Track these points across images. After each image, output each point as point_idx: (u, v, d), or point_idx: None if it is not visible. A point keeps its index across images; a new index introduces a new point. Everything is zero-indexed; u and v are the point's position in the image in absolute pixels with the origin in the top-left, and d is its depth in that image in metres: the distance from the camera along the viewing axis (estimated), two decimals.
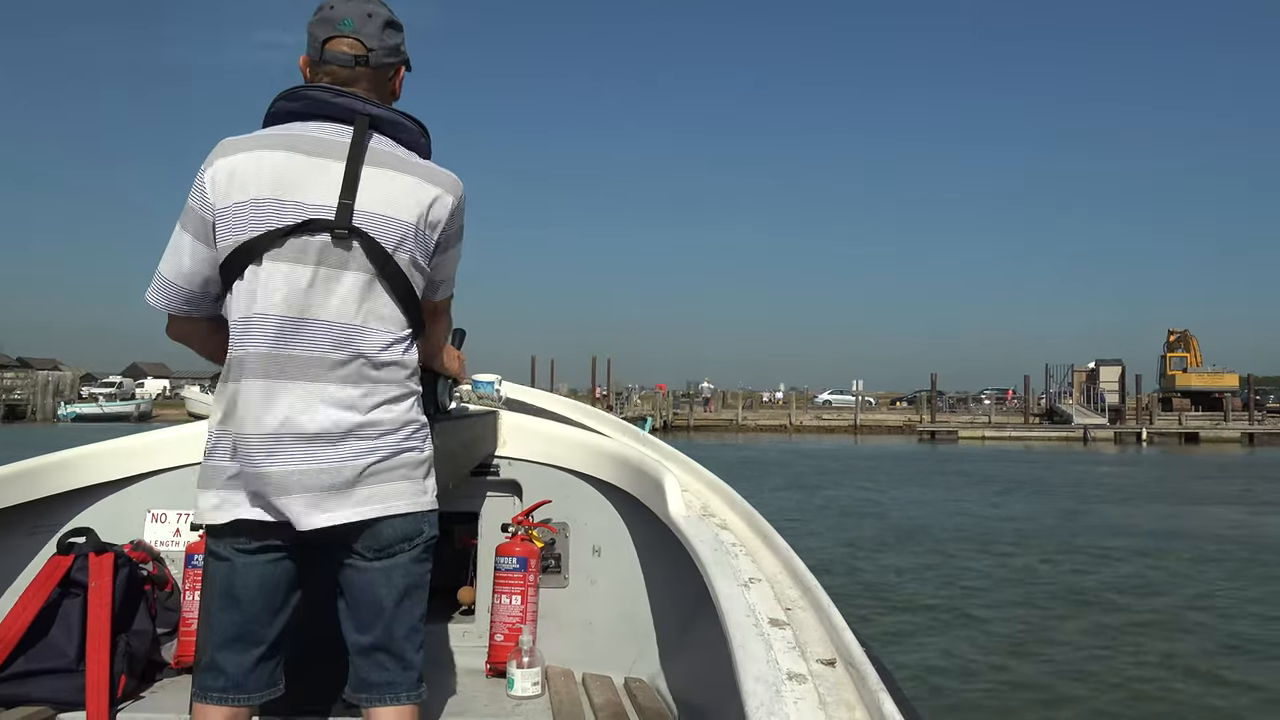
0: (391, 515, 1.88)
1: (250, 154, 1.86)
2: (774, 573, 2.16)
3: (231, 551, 1.88)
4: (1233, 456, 38.40)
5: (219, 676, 1.89)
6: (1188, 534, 15.33)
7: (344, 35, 1.93)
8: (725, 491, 2.84)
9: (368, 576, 1.89)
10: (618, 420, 3.89)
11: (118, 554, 2.67)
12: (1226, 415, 53.02)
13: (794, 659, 1.65)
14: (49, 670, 2.54)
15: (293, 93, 1.93)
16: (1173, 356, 60.11)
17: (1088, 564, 12.52)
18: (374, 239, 1.85)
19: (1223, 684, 7.24)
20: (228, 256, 1.84)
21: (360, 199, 1.84)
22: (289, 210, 1.82)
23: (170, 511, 2.98)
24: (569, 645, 2.97)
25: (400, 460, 1.90)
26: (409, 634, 1.94)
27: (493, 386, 3.35)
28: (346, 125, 1.89)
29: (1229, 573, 11.92)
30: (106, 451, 2.97)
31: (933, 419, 54.87)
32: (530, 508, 3.01)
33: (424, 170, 1.94)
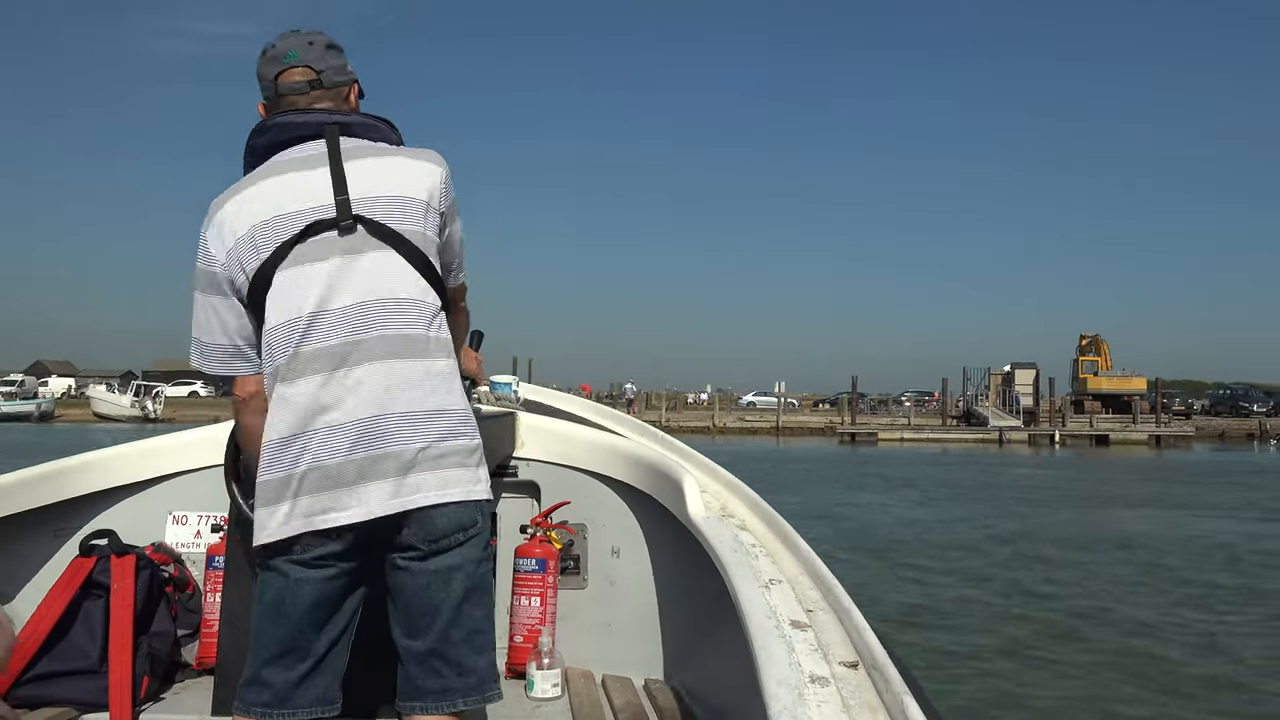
0: (446, 503, 1.83)
1: (239, 195, 1.93)
2: (794, 574, 2.18)
3: (287, 564, 1.83)
4: (1141, 459, 39.54)
5: (263, 691, 1.84)
6: (1100, 536, 15.73)
7: (293, 66, 2.01)
8: (744, 492, 2.86)
9: (422, 580, 1.84)
10: (636, 421, 3.91)
11: (139, 556, 2.72)
12: (1135, 418, 54.49)
13: (816, 661, 1.66)
14: (72, 672, 2.59)
15: (262, 126, 2.00)
16: (1084, 360, 61.11)
17: (986, 567, 12.59)
18: (378, 221, 1.90)
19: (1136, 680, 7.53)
20: (250, 288, 1.89)
21: (353, 190, 1.89)
22: (290, 221, 1.88)
23: (191, 513, 3.01)
24: (588, 647, 2.96)
25: (452, 446, 1.86)
26: (468, 637, 1.88)
27: (510, 388, 3.38)
28: (319, 140, 1.96)
29: (1139, 572, 12.28)
30: (128, 453, 3.01)
31: (853, 421, 55.70)
32: (549, 509, 3.02)
33: (405, 151, 2.02)
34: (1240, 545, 14.45)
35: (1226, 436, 54.24)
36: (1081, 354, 61.46)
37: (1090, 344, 61.67)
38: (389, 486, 1.79)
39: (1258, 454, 43.30)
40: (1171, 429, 52.44)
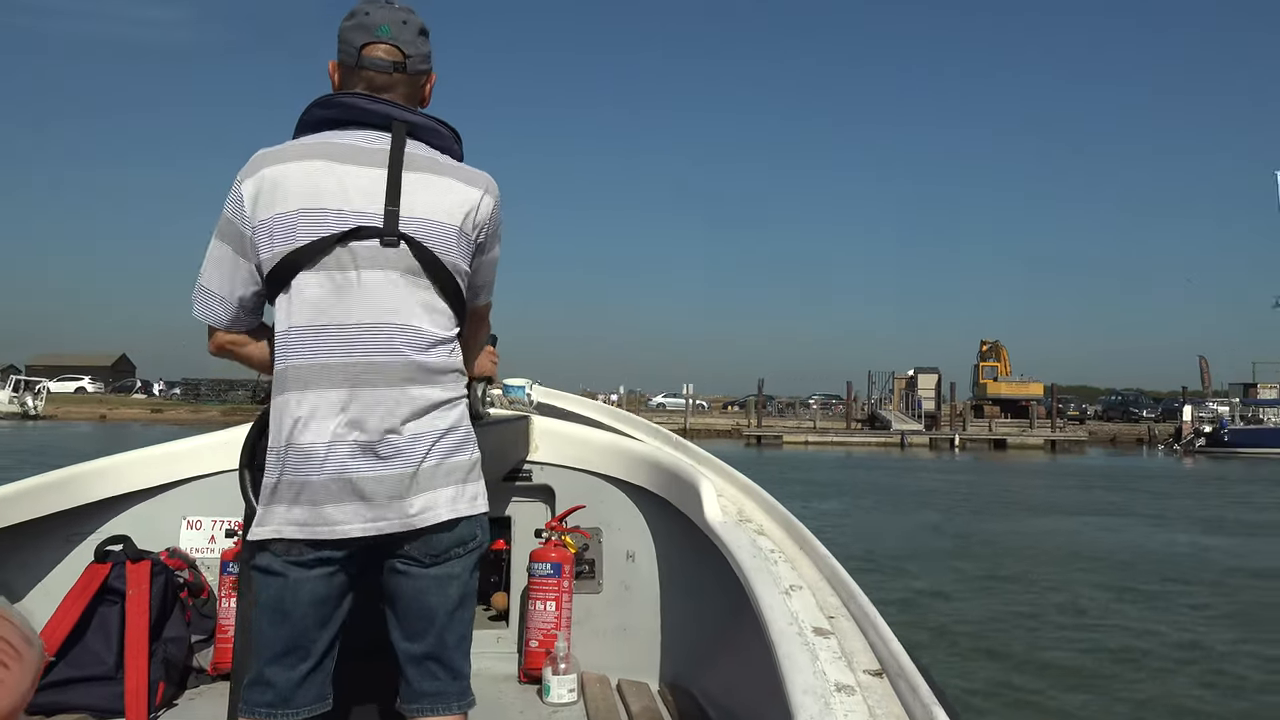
0: (448, 520, 1.87)
1: (289, 164, 1.86)
2: (814, 580, 2.17)
3: (284, 565, 1.84)
4: (1038, 462, 40.60)
5: (267, 691, 1.86)
6: (1001, 540, 16.08)
7: (381, 41, 1.93)
8: (761, 497, 2.86)
9: (421, 584, 1.87)
10: (650, 425, 3.88)
11: (154, 561, 2.76)
12: (1032, 422, 55.81)
13: (841, 669, 1.65)
14: (89, 678, 2.62)
15: (327, 100, 1.93)
16: (985, 366, 61.82)
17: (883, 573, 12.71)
18: (421, 243, 1.86)
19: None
20: (274, 268, 1.85)
21: (404, 204, 1.85)
22: (334, 219, 1.83)
23: (205, 518, 3.03)
24: (604, 651, 2.95)
25: (454, 464, 1.89)
26: (459, 642, 1.93)
27: (524, 391, 3.40)
28: (382, 132, 1.90)
29: (1021, 574, 12.61)
30: (142, 459, 3.01)
31: (759, 423, 56.28)
32: (564, 513, 3.02)
33: (462, 173, 1.95)
34: (1147, 548, 15.06)
35: (1118, 441, 55.71)
36: (982, 360, 62.77)
37: (991, 350, 63.02)
38: (392, 505, 1.82)
39: (1146, 458, 44.94)
40: (1065, 434, 53.88)
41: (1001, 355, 62.57)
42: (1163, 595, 11.30)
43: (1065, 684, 7.59)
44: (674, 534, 2.86)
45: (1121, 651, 8.63)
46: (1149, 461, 43.05)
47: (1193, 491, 26.53)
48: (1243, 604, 10.75)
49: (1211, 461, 42.05)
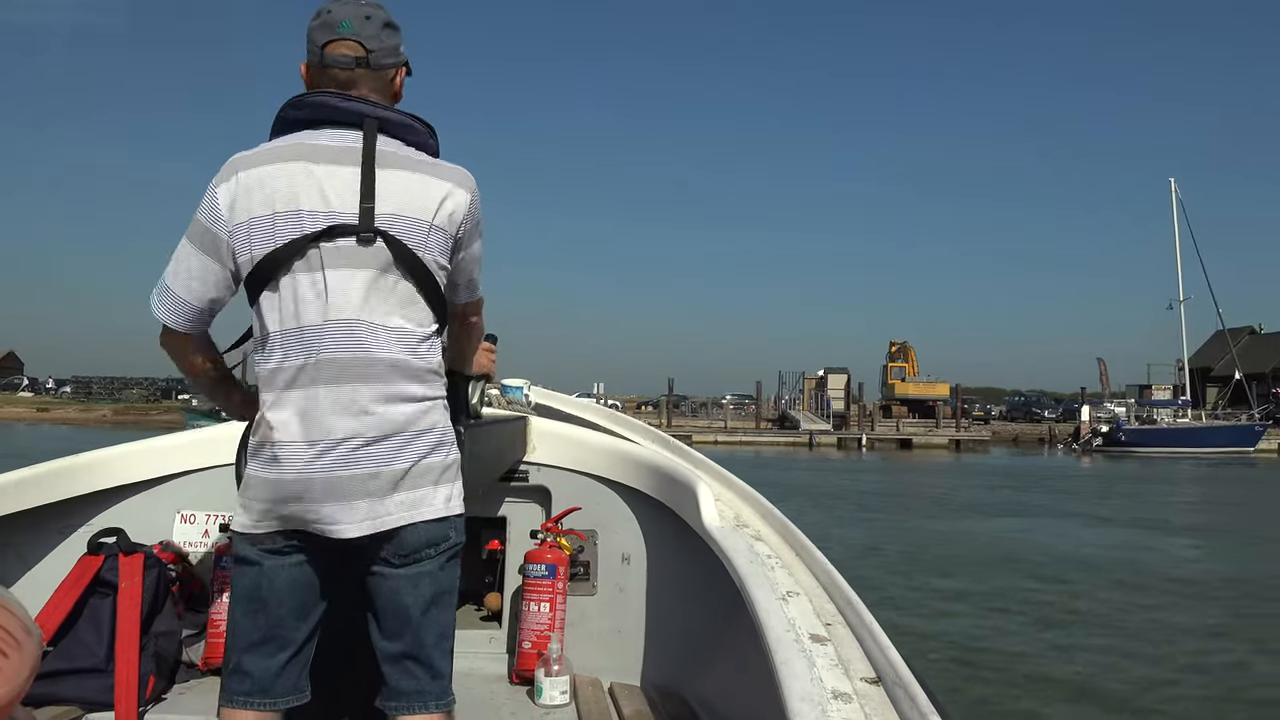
0: (418, 522, 1.89)
1: (265, 168, 1.88)
2: (811, 586, 2.19)
3: (259, 554, 1.88)
4: (943, 462, 41.41)
5: (245, 680, 1.90)
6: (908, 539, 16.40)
7: (344, 38, 1.95)
8: (759, 502, 2.87)
9: (394, 584, 1.90)
10: (649, 428, 3.89)
11: (147, 555, 2.77)
12: (938, 422, 57.19)
13: (838, 677, 1.66)
14: (79, 670, 2.62)
15: (298, 100, 1.95)
16: (893, 366, 62.67)
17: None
18: (398, 239, 1.88)
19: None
20: (252, 271, 1.87)
21: (379, 201, 1.87)
22: (309, 219, 1.85)
23: (199, 512, 3.03)
24: (597, 654, 2.96)
25: (428, 465, 1.92)
26: (437, 641, 1.95)
27: (522, 391, 3.43)
28: (355, 130, 1.92)
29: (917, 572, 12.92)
30: (136, 452, 3.00)
31: (669, 423, 56.52)
32: (560, 514, 3.04)
33: (437, 168, 1.97)
34: (1059, 550, 15.47)
35: (1020, 441, 56.83)
36: (891, 360, 63.65)
37: (899, 351, 63.86)
38: (364, 506, 1.85)
39: (1046, 458, 45.96)
40: (969, 434, 55.10)
41: (909, 356, 63.62)
42: (1103, 596, 11.56)
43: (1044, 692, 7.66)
44: (670, 538, 2.90)
45: (1092, 654, 8.81)
46: (1048, 461, 44.15)
47: (1092, 490, 27.46)
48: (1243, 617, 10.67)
49: (1108, 461, 43.25)
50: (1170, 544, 16.21)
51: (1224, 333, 59.11)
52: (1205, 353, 65.64)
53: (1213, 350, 63.43)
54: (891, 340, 65.28)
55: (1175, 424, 52.25)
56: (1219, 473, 35.31)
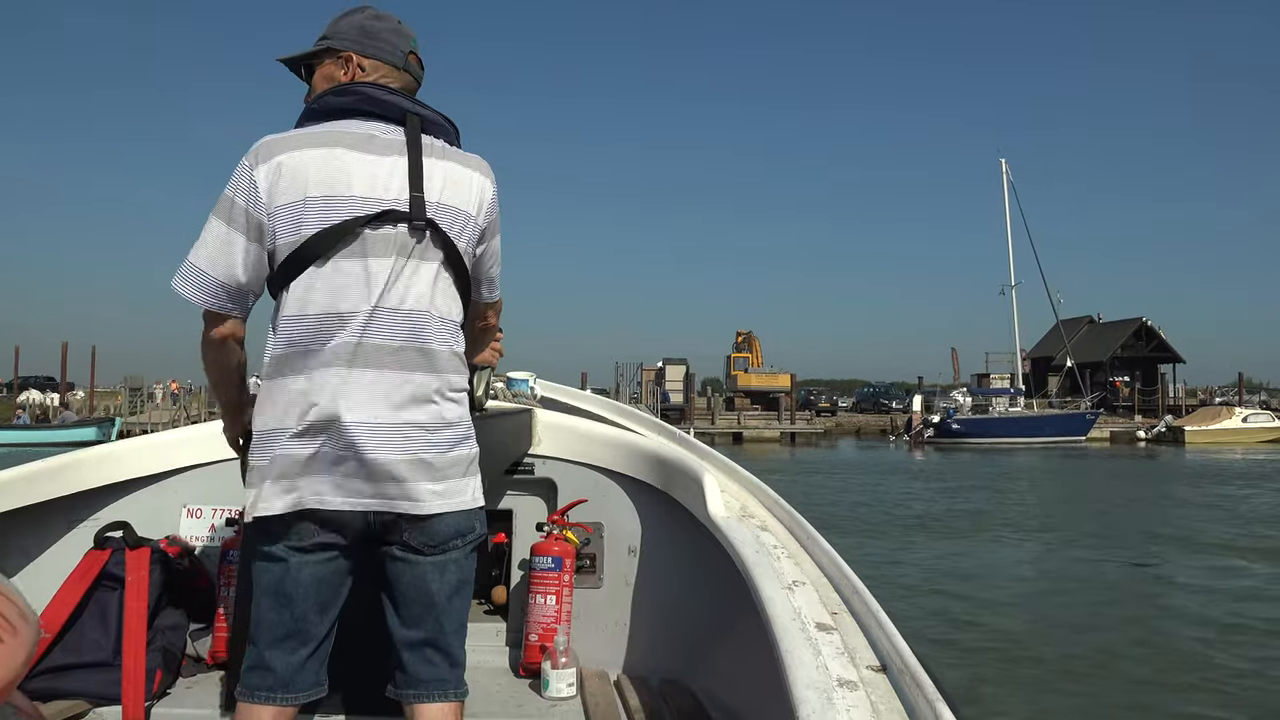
0: (450, 511, 1.98)
1: (306, 151, 1.96)
2: (816, 576, 2.26)
3: (285, 550, 1.94)
4: (772, 458, 40.06)
5: (267, 675, 1.96)
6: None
7: (414, 52, 2.19)
8: (764, 493, 2.98)
9: (420, 570, 1.98)
10: (654, 419, 3.94)
11: (153, 549, 2.85)
12: (780, 415, 56.15)
13: (844, 665, 1.71)
14: (86, 664, 2.69)
15: (343, 88, 2.07)
16: (737, 357, 62.65)
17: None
18: (443, 230, 2.00)
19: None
20: (294, 253, 1.93)
21: (426, 190, 1.99)
22: (359, 204, 1.94)
23: (206, 506, 3.09)
24: (604, 646, 3.04)
25: (458, 456, 2.01)
26: (457, 630, 2.04)
27: (527, 384, 3.54)
28: (392, 124, 2.04)
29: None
30: (143, 446, 3.06)
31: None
32: (566, 507, 3.13)
33: (468, 160, 2.11)
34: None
35: (862, 433, 57.20)
36: (736, 351, 63.82)
37: (745, 341, 63.73)
38: (395, 490, 1.93)
39: (873, 451, 44.73)
40: (799, 426, 54.89)
41: (754, 346, 63.40)
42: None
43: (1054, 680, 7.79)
44: (676, 529, 2.99)
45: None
46: (876, 454, 42.69)
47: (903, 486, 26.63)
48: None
49: (938, 453, 42.94)
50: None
51: (1059, 322, 61.20)
52: (1047, 342, 67.55)
53: (1055, 340, 64.22)
54: (738, 330, 65.11)
55: (1007, 413, 52.88)
56: (1048, 464, 35.58)
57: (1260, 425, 49.82)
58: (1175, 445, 47.28)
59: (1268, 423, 50.35)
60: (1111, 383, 62.49)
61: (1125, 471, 32.13)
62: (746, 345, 63.78)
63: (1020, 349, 59.39)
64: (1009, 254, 57.92)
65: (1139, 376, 63.81)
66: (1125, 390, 62.46)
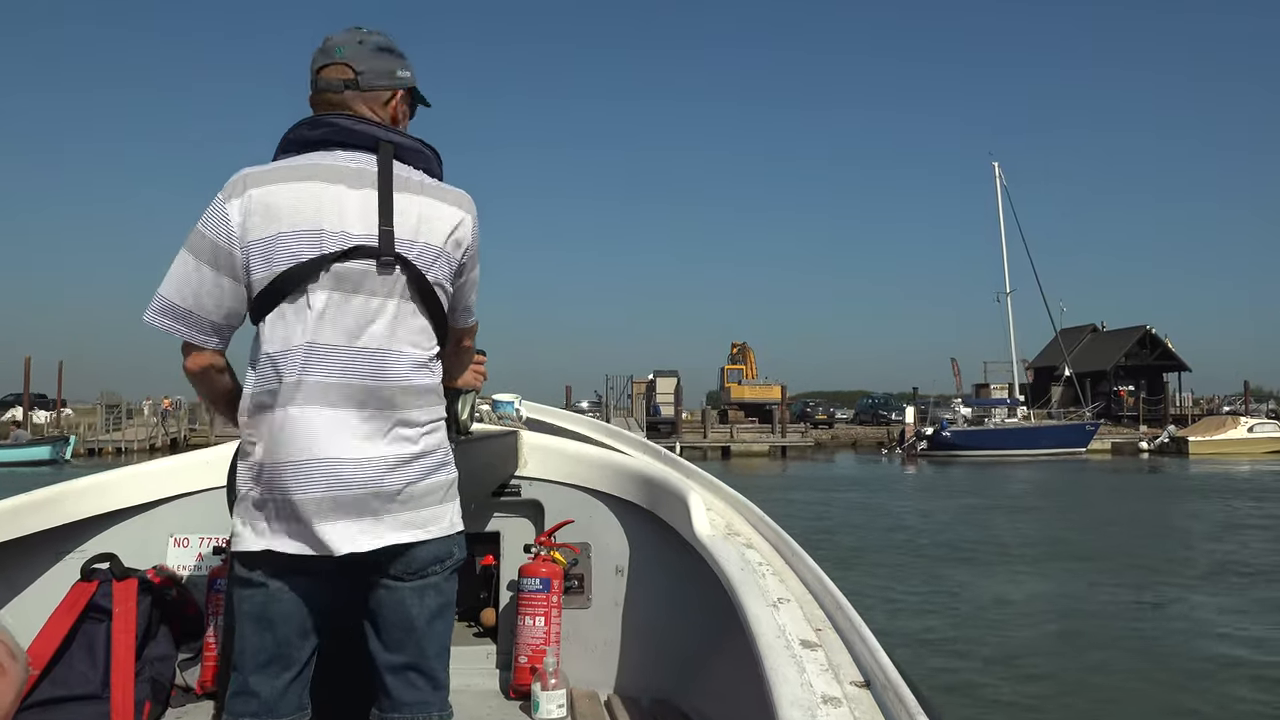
0: (428, 539, 2.04)
1: (280, 185, 2.00)
2: (801, 593, 2.32)
3: (265, 576, 1.99)
4: (760, 474, 38.87)
5: (251, 701, 2.00)
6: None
7: (335, 62, 2.13)
8: (750, 510, 3.03)
9: (400, 595, 2.03)
10: (640, 439, 4.03)
11: (141, 579, 2.90)
12: (774, 427, 55.05)
13: (827, 681, 1.76)
14: (74, 697, 2.73)
15: (315, 120, 2.09)
16: (731, 369, 61.88)
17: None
18: (413, 264, 2.02)
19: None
20: (268, 287, 1.97)
21: (397, 226, 2.01)
22: (330, 239, 1.97)
23: (193, 536, 3.14)
24: (593, 667, 3.11)
25: (433, 484, 2.06)
26: (439, 653, 2.10)
27: (513, 406, 3.60)
28: (367, 153, 2.06)
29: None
30: (129, 476, 3.11)
31: None
32: (553, 528, 3.19)
33: (445, 193, 2.13)
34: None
35: (859, 446, 56.58)
36: (731, 362, 62.99)
37: (739, 352, 63.00)
38: (372, 523, 1.97)
39: (864, 465, 44.34)
40: (791, 440, 53.61)
41: (748, 358, 62.84)
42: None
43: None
44: (663, 548, 3.06)
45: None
46: (866, 469, 42.12)
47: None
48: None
49: (932, 466, 42.55)
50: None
51: (1057, 330, 60.80)
52: (1050, 351, 66.29)
53: (1057, 349, 63.33)
54: (733, 341, 64.44)
55: (1004, 424, 52.06)
56: (1044, 477, 34.90)
57: (1267, 435, 49.26)
58: (1179, 456, 46.84)
59: (1274, 433, 49.78)
60: (1115, 392, 62.08)
61: (1123, 486, 31.76)
62: (741, 356, 63.29)
63: (1023, 359, 58.76)
64: (1003, 260, 57.56)
65: (1144, 386, 63.55)
66: (1130, 400, 61.98)
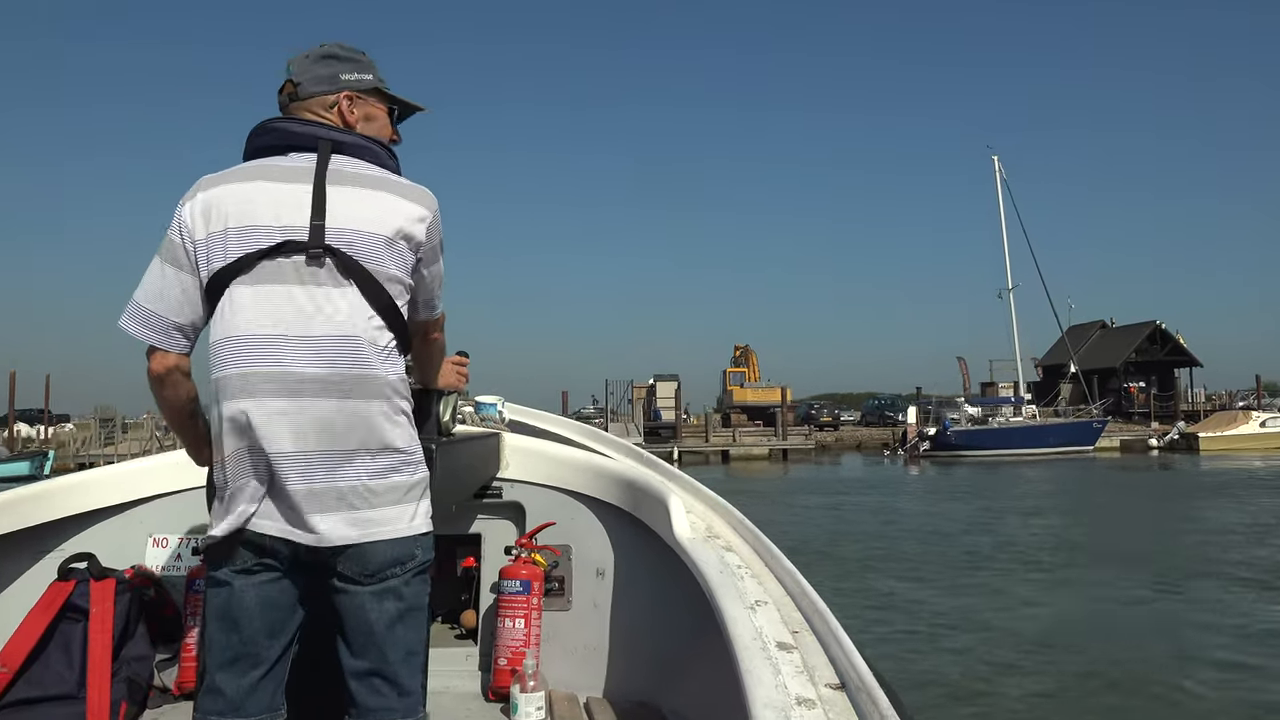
0: (380, 540, 2.05)
1: (225, 187, 2.09)
2: (780, 595, 2.35)
3: (228, 574, 2.04)
4: (759, 477, 38.88)
5: (218, 699, 2.04)
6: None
7: (286, 80, 2.27)
8: (730, 513, 3.09)
9: (359, 600, 2.06)
10: (622, 442, 4.07)
11: (119, 579, 2.91)
12: (778, 430, 54.23)
13: (802, 683, 1.80)
14: (50, 698, 2.76)
15: (262, 127, 2.20)
16: (733, 371, 62.26)
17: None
18: (349, 255, 2.06)
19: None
20: (208, 284, 2.06)
21: (330, 218, 2.06)
22: (262, 235, 2.04)
23: (172, 535, 3.17)
24: (573, 669, 3.14)
25: (391, 483, 2.08)
26: (404, 658, 2.11)
27: (495, 408, 3.64)
28: (312, 153, 2.15)
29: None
30: (108, 476, 3.13)
31: None
32: (534, 530, 3.23)
33: (395, 186, 2.17)
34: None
35: (863, 447, 55.94)
36: (734, 365, 63.18)
37: (742, 355, 63.75)
38: (325, 520, 2.01)
39: (885, 466, 44.59)
40: (791, 443, 52.69)
41: (751, 360, 62.68)
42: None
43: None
44: (643, 551, 3.11)
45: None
46: (868, 470, 41.75)
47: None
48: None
49: (935, 467, 42.08)
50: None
51: (1062, 326, 60.32)
52: (1060, 348, 64.37)
53: (1065, 345, 61.50)
54: (736, 344, 64.30)
55: (1009, 423, 51.18)
56: (1049, 476, 34.54)
57: (1279, 430, 48.47)
58: (1190, 453, 46.52)
59: None
60: (1126, 389, 61.63)
61: (1133, 484, 31.68)
62: (744, 359, 63.09)
63: (1031, 356, 58.19)
64: (1005, 255, 56.71)
65: (1155, 382, 63.15)
66: (1140, 396, 61.51)
